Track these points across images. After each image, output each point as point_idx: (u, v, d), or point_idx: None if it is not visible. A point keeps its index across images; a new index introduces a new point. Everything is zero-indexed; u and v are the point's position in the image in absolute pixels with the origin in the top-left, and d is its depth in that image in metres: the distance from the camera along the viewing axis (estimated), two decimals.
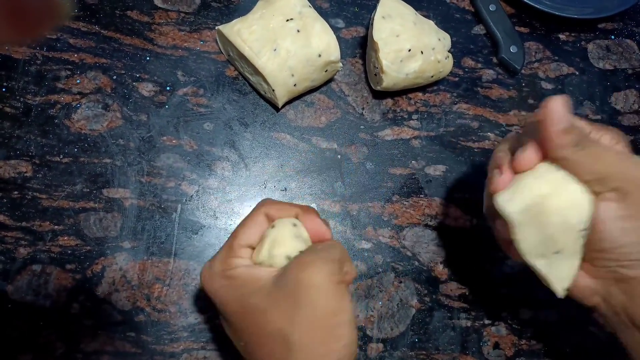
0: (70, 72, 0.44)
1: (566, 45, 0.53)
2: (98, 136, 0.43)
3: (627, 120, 0.52)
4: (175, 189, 0.43)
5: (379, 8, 0.44)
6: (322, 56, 0.42)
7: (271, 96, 0.43)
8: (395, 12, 0.44)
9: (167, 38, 0.46)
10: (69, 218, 0.41)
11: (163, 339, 0.40)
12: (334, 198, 0.45)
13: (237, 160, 0.45)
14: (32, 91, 0.43)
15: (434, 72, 0.45)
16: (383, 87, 0.45)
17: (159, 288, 0.41)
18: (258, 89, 0.45)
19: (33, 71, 0.44)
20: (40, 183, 0.41)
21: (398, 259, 0.45)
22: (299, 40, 0.41)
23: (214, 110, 0.46)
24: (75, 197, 0.42)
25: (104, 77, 0.45)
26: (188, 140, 0.44)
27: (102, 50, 0.45)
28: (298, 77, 0.42)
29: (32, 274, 0.40)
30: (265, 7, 0.43)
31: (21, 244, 0.40)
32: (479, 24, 0.52)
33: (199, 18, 0.47)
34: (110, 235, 0.41)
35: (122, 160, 0.43)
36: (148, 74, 0.45)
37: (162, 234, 0.42)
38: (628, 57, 0.54)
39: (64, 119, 0.43)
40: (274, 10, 0.42)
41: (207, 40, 0.47)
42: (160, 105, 0.45)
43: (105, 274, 0.41)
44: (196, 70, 0.46)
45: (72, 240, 0.41)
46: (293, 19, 0.42)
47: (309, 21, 0.42)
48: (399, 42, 0.43)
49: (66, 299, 0.40)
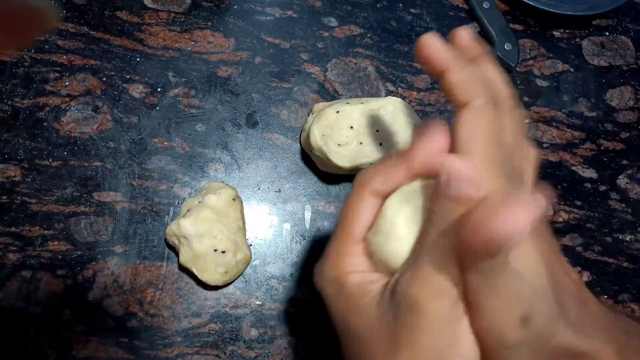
0: (59, 74, 0.43)
1: (561, 42, 0.53)
2: (88, 139, 0.43)
3: (622, 117, 0.51)
4: (168, 191, 0.43)
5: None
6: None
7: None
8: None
9: (157, 38, 0.46)
10: (59, 222, 0.41)
11: (156, 344, 0.40)
12: (328, 199, 0.45)
13: (230, 162, 0.44)
14: (20, 94, 0.42)
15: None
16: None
17: (152, 292, 0.40)
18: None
19: (21, 73, 0.43)
20: (29, 187, 0.41)
21: None
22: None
23: (206, 112, 0.45)
24: (65, 201, 0.41)
25: (93, 79, 0.44)
26: (180, 142, 0.44)
27: (91, 51, 0.44)
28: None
29: (22, 280, 0.39)
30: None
31: (10, 250, 0.39)
32: (473, 21, 0.52)
33: (190, 18, 0.47)
34: (101, 240, 0.41)
35: (113, 163, 0.42)
36: (138, 75, 0.45)
37: (155, 238, 0.41)
38: (622, 54, 0.53)
39: (53, 121, 0.42)
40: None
41: (198, 41, 0.46)
42: (151, 106, 0.44)
43: (97, 279, 0.40)
44: (187, 71, 0.45)
45: (63, 245, 0.40)
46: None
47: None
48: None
49: (57, 305, 0.39)
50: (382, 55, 0.49)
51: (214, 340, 0.40)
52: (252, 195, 0.44)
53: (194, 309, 0.41)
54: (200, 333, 0.40)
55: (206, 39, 0.46)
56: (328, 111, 0.40)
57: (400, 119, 0.41)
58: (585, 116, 0.51)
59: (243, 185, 0.44)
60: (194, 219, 0.37)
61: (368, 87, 0.48)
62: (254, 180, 0.44)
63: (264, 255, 0.43)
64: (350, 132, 0.40)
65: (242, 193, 0.43)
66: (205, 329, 0.40)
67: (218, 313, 0.41)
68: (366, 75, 0.48)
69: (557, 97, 0.51)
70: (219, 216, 0.38)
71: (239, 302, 0.41)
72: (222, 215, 0.38)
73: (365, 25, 0.50)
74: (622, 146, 0.50)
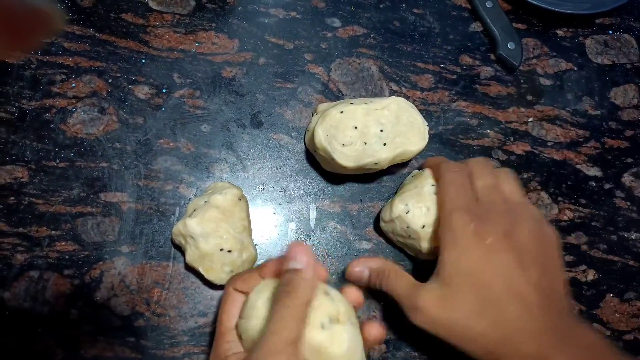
0: (65, 76, 0.44)
1: (564, 41, 0.53)
2: (94, 140, 0.43)
3: (626, 115, 0.51)
4: (173, 192, 0.43)
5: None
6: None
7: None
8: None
9: (162, 40, 0.46)
10: (66, 223, 0.41)
11: (163, 344, 0.40)
12: (333, 198, 0.45)
13: (235, 162, 0.45)
14: (27, 96, 0.43)
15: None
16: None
17: (158, 292, 0.41)
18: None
19: (28, 76, 0.43)
20: (36, 188, 0.41)
21: (399, 258, 0.44)
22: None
23: (211, 112, 0.45)
24: (72, 202, 0.41)
25: (99, 81, 0.44)
26: (185, 142, 0.44)
27: (97, 53, 0.45)
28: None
29: (30, 280, 0.39)
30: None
31: (18, 250, 0.40)
32: (476, 21, 0.52)
33: (194, 20, 0.47)
34: (108, 240, 0.41)
35: (119, 164, 0.43)
36: (144, 77, 0.45)
37: (161, 238, 0.42)
38: (626, 52, 0.53)
39: (59, 123, 0.43)
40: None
41: (203, 42, 0.47)
42: (157, 107, 0.44)
43: (104, 279, 0.40)
44: (192, 72, 0.46)
45: (70, 246, 0.40)
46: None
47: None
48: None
49: (64, 305, 0.39)
50: (385, 55, 0.49)
51: None
52: (257, 195, 0.44)
53: (201, 308, 0.41)
54: (206, 332, 0.40)
55: (210, 40, 0.47)
56: (332, 111, 0.40)
57: (404, 118, 0.42)
58: (589, 114, 0.51)
59: (248, 185, 0.44)
60: (201, 219, 0.38)
61: (372, 87, 0.48)
62: (258, 180, 0.44)
63: (269, 255, 0.43)
64: (355, 132, 0.40)
65: (247, 193, 0.44)
66: (211, 329, 0.40)
67: None
68: (370, 75, 0.48)
69: (560, 95, 0.51)
70: (225, 216, 0.38)
71: None
72: (228, 215, 0.39)
73: (369, 25, 0.50)
74: (627, 144, 0.50)
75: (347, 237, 0.44)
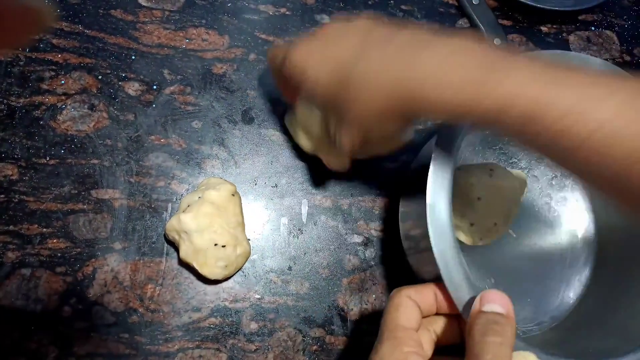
0: (55, 73, 0.43)
1: (548, 37, 0.54)
2: (85, 137, 0.43)
3: None
4: (165, 188, 0.43)
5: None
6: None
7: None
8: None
9: (152, 37, 0.46)
10: (57, 220, 0.41)
11: (157, 339, 0.40)
12: (324, 193, 0.45)
13: (226, 158, 0.45)
14: (15, 93, 0.42)
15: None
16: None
17: (152, 288, 0.41)
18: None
19: (16, 72, 0.43)
20: (27, 186, 0.41)
21: (390, 251, 0.45)
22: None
23: (202, 108, 0.45)
24: (64, 199, 0.41)
25: (89, 77, 0.44)
26: (177, 138, 0.44)
27: (87, 50, 0.45)
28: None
29: (22, 278, 0.39)
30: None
31: (9, 248, 0.40)
32: (463, 17, 0.53)
33: (184, 16, 0.47)
34: (100, 237, 0.41)
35: (110, 161, 0.43)
36: (134, 73, 0.45)
37: (154, 234, 0.42)
38: (608, 48, 0.55)
39: (49, 120, 0.42)
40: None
41: (193, 39, 0.47)
42: (148, 104, 0.44)
43: (97, 275, 0.40)
44: (182, 69, 0.46)
45: (62, 243, 0.40)
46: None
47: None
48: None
49: (57, 302, 0.39)
50: None
51: (214, 334, 0.40)
52: (249, 191, 0.44)
53: (194, 303, 0.41)
54: (200, 327, 0.41)
55: (200, 36, 0.47)
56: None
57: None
58: None
59: (240, 181, 0.44)
60: (195, 214, 0.38)
61: None
62: (250, 176, 0.45)
63: (262, 250, 0.43)
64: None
65: (239, 189, 0.44)
66: (205, 323, 0.41)
67: (218, 307, 0.41)
68: None
69: None
70: (219, 211, 0.39)
71: (238, 296, 0.42)
72: (222, 210, 0.39)
73: None
74: None
75: (338, 231, 0.45)
